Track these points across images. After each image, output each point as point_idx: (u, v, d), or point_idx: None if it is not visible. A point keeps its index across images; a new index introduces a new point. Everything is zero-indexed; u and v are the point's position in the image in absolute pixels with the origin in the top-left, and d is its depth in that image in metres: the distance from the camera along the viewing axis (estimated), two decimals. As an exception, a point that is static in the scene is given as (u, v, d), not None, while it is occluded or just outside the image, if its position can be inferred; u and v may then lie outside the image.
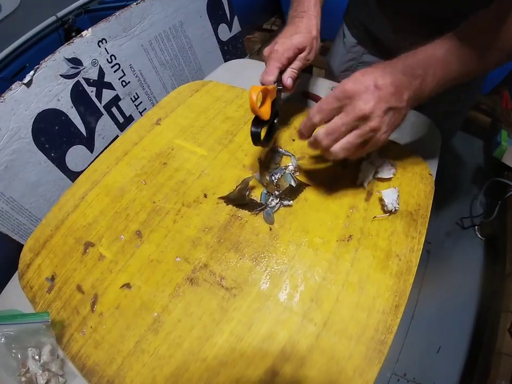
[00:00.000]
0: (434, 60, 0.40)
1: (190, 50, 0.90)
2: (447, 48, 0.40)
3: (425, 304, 1.05)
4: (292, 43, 0.50)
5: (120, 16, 0.72)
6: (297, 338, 0.40)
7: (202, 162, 0.57)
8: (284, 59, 0.50)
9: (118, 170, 0.58)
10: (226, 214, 0.50)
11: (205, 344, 0.41)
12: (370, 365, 0.38)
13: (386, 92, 0.39)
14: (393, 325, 0.40)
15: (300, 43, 0.51)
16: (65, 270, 0.49)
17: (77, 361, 0.42)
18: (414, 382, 0.95)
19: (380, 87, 0.39)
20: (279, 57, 0.50)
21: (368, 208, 0.49)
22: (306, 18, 0.53)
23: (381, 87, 0.39)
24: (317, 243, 0.46)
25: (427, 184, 0.52)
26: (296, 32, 0.51)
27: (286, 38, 0.51)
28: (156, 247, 0.48)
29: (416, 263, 0.45)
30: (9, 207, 0.64)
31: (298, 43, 0.51)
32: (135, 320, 0.43)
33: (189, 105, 0.67)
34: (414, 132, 0.59)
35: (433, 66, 0.40)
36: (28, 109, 0.62)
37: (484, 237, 1.20)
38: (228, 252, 0.47)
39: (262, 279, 0.44)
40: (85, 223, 0.53)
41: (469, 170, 1.35)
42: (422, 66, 0.40)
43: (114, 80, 0.75)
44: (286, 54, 0.50)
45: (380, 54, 0.72)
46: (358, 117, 0.39)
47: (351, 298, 0.42)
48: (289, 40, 0.51)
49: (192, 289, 0.44)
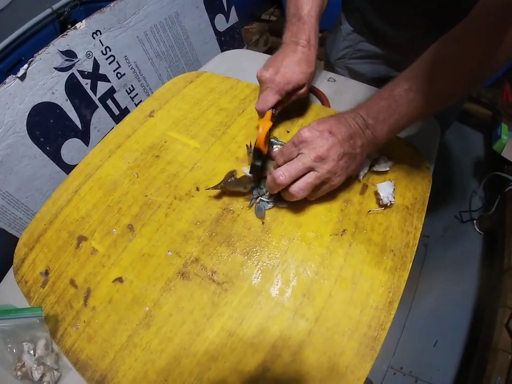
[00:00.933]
0: (384, 108, 0.43)
1: (186, 41, 0.89)
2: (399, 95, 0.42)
3: (422, 298, 1.05)
4: (294, 78, 0.51)
5: (115, 7, 0.71)
6: (288, 333, 0.40)
7: (195, 155, 0.56)
8: (283, 92, 0.51)
9: (111, 163, 0.58)
10: (218, 207, 0.50)
11: (196, 339, 0.40)
12: (362, 362, 0.38)
13: (340, 137, 0.42)
14: (386, 322, 0.40)
15: (301, 80, 0.52)
16: (59, 264, 0.49)
17: (71, 355, 0.42)
18: (410, 376, 0.96)
19: (334, 133, 0.42)
20: (279, 90, 0.51)
21: (363, 202, 0.49)
22: (307, 50, 0.53)
23: (335, 133, 0.42)
24: (310, 237, 0.46)
25: (424, 177, 0.52)
26: (298, 65, 0.52)
27: (288, 69, 0.51)
28: (147, 241, 0.48)
29: (411, 258, 0.44)
30: (5, 202, 0.64)
31: (299, 80, 0.51)
32: (127, 315, 0.43)
33: (183, 97, 0.66)
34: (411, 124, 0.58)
35: (383, 114, 0.43)
36: (22, 103, 0.62)
37: (483, 231, 1.19)
38: (220, 246, 0.46)
39: (253, 274, 0.44)
40: (78, 217, 0.53)
41: (468, 164, 1.34)
42: (373, 116, 0.43)
43: (109, 72, 0.75)
44: (287, 87, 0.51)
45: (376, 43, 0.71)
46: (314, 157, 0.41)
47: (344, 293, 0.42)
48: (291, 74, 0.51)
49: (183, 284, 0.44)
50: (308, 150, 0.42)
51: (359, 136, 0.43)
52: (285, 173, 0.42)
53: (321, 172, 0.42)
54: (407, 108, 0.42)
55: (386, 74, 0.73)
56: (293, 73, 0.51)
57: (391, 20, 0.64)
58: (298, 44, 0.53)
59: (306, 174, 0.42)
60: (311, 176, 0.42)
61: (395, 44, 0.67)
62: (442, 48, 0.42)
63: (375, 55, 0.73)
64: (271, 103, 0.51)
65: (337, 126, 0.43)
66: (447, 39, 0.41)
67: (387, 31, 0.66)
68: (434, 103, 0.43)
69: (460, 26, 0.40)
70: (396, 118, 0.43)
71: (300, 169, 0.42)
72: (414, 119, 0.44)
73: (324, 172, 0.42)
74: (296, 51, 0.53)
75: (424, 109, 0.43)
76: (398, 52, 0.68)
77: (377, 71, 0.75)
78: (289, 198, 0.45)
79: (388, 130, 0.44)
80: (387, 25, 0.65)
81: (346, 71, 0.79)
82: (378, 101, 0.44)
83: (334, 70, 0.80)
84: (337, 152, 0.42)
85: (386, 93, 0.43)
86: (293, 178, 0.42)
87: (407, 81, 0.42)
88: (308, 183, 0.42)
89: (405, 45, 0.62)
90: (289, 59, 0.52)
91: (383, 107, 0.43)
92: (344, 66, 0.79)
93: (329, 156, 0.42)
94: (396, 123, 0.43)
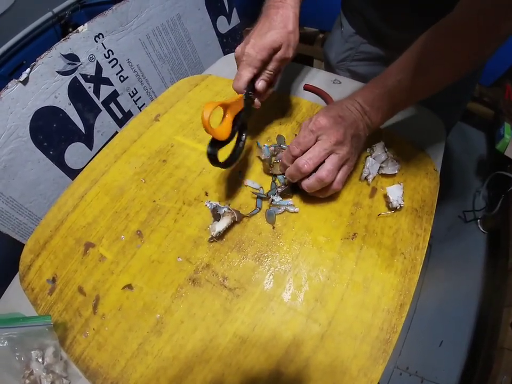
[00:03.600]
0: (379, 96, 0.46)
1: (189, 44, 0.88)
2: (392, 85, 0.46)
3: (427, 298, 1.05)
4: (265, 42, 0.46)
5: (117, 10, 0.71)
6: (301, 338, 0.40)
7: (203, 159, 0.56)
8: (257, 62, 0.46)
9: (117, 168, 0.57)
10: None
11: (208, 345, 0.40)
12: (375, 364, 0.38)
13: (348, 121, 0.45)
14: (398, 324, 0.40)
15: (274, 41, 0.46)
16: (66, 272, 0.48)
17: (81, 363, 0.42)
18: (416, 376, 0.96)
19: (343, 117, 0.45)
20: (251, 61, 0.46)
21: (372, 205, 0.49)
22: (282, 9, 0.48)
23: (344, 117, 0.45)
24: (321, 241, 0.46)
25: (432, 179, 0.51)
26: (270, 28, 0.46)
27: (259, 37, 0.46)
28: (157, 247, 0.48)
29: (421, 261, 0.44)
30: (8, 207, 0.64)
31: (272, 41, 0.46)
32: (137, 322, 0.43)
33: (188, 100, 0.66)
34: (418, 126, 0.58)
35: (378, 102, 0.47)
36: (25, 107, 0.62)
37: (486, 230, 1.19)
38: (231, 251, 0.46)
39: (265, 279, 0.44)
40: (84, 223, 0.52)
41: (471, 164, 1.34)
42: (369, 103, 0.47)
43: (112, 75, 0.74)
44: (260, 56, 0.45)
45: (378, 45, 0.71)
46: (334, 141, 0.44)
47: (356, 297, 0.42)
48: (262, 40, 0.46)
49: (194, 290, 0.44)
50: (327, 136, 0.44)
51: (360, 120, 0.47)
52: (308, 161, 0.44)
53: (342, 153, 0.45)
54: (400, 96, 0.46)
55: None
56: (264, 38, 0.46)
57: (392, 20, 0.64)
58: (272, 7, 0.48)
59: (328, 157, 0.44)
60: (334, 158, 0.44)
61: (397, 45, 0.67)
62: (431, 39, 0.44)
63: (377, 57, 0.72)
64: (246, 78, 0.46)
65: (343, 111, 0.46)
66: (436, 29, 0.43)
67: (388, 32, 0.66)
68: (425, 91, 0.47)
69: (449, 17, 0.42)
70: (389, 105, 0.47)
71: (322, 155, 0.44)
72: (406, 105, 0.49)
73: (344, 153, 0.45)
74: (269, 15, 0.48)
75: (415, 97, 0.47)
76: (400, 53, 0.68)
77: (379, 73, 0.74)
78: (316, 186, 0.45)
79: (382, 116, 0.48)
80: (389, 26, 0.65)
81: (348, 73, 0.78)
82: (373, 89, 0.47)
83: (335, 72, 0.79)
84: (350, 134, 0.45)
85: (380, 82, 0.47)
86: (316, 165, 0.44)
87: (398, 72, 0.46)
88: (333, 164, 0.44)
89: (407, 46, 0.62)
90: (261, 25, 0.48)
91: (378, 95, 0.46)
92: (346, 68, 0.78)
93: (346, 138, 0.44)
94: (389, 110, 0.48)
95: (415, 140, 0.56)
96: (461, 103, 0.78)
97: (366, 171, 0.50)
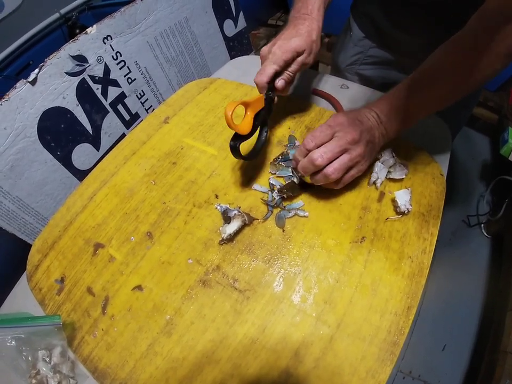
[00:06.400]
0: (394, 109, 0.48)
1: (196, 47, 0.89)
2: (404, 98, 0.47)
3: (430, 302, 1.05)
4: (290, 46, 0.50)
5: (125, 12, 0.71)
6: (311, 340, 0.40)
7: (213, 162, 0.56)
8: (281, 61, 0.50)
9: (127, 170, 0.58)
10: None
11: (218, 346, 0.40)
12: (382, 366, 0.38)
13: (365, 127, 0.47)
14: (405, 327, 0.40)
15: (298, 46, 0.50)
16: (75, 272, 0.49)
17: (89, 363, 0.42)
18: (419, 380, 0.96)
19: (361, 121, 0.47)
20: (276, 59, 0.50)
21: (380, 209, 0.49)
22: (308, 21, 0.52)
23: (362, 121, 0.47)
24: (330, 245, 0.46)
25: (439, 184, 0.52)
26: (296, 35, 0.51)
27: (286, 40, 0.51)
28: (167, 249, 0.48)
29: (428, 264, 0.45)
30: (15, 207, 0.64)
31: (297, 46, 0.50)
32: (147, 323, 0.43)
33: (197, 103, 0.66)
34: (425, 132, 0.58)
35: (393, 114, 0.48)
36: (33, 107, 0.62)
37: (490, 235, 1.19)
38: (241, 253, 0.46)
39: (275, 281, 0.44)
40: (94, 224, 0.52)
41: (475, 168, 1.34)
42: (385, 114, 0.48)
43: (119, 77, 0.74)
44: (284, 56, 0.50)
45: (387, 49, 0.71)
46: (350, 140, 0.44)
47: (364, 300, 0.42)
48: (288, 43, 0.50)
49: (205, 292, 0.44)
50: (344, 133, 0.45)
51: (376, 128, 0.48)
52: (323, 155, 0.44)
53: (354, 154, 0.45)
54: (415, 109, 0.48)
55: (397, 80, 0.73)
56: (290, 42, 0.50)
57: (401, 25, 0.64)
58: (299, 18, 0.53)
59: (340, 156, 0.45)
60: (345, 157, 0.45)
61: (406, 50, 0.67)
62: (440, 55, 0.46)
63: (386, 61, 0.73)
64: (269, 73, 0.50)
65: (361, 117, 0.48)
66: (445, 47, 0.45)
67: (398, 37, 0.66)
68: (436, 106, 0.49)
69: (459, 34, 0.44)
70: (404, 117, 0.48)
71: (337, 151, 0.44)
72: (419, 117, 0.49)
73: (356, 154, 0.45)
74: (296, 24, 0.52)
75: (427, 111, 0.49)
76: (409, 57, 0.68)
77: (387, 77, 0.75)
78: (321, 180, 0.46)
79: (397, 127, 0.49)
80: (398, 30, 0.65)
81: (357, 77, 0.79)
82: (388, 102, 0.49)
83: (343, 76, 0.80)
84: (366, 138, 0.46)
85: (393, 96, 0.49)
86: (329, 160, 0.44)
87: (413, 85, 0.47)
88: (342, 163, 0.45)
89: (416, 50, 0.63)
90: (288, 32, 0.52)
91: (393, 108, 0.48)
92: (355, 72, 0.79)
93: (361, 140, 0.45)
94: (404, 122, 0.49)
95: (422, 145, 0.56)
96: (468, 107, 0.79)
97: (374, 176, 0.51)
